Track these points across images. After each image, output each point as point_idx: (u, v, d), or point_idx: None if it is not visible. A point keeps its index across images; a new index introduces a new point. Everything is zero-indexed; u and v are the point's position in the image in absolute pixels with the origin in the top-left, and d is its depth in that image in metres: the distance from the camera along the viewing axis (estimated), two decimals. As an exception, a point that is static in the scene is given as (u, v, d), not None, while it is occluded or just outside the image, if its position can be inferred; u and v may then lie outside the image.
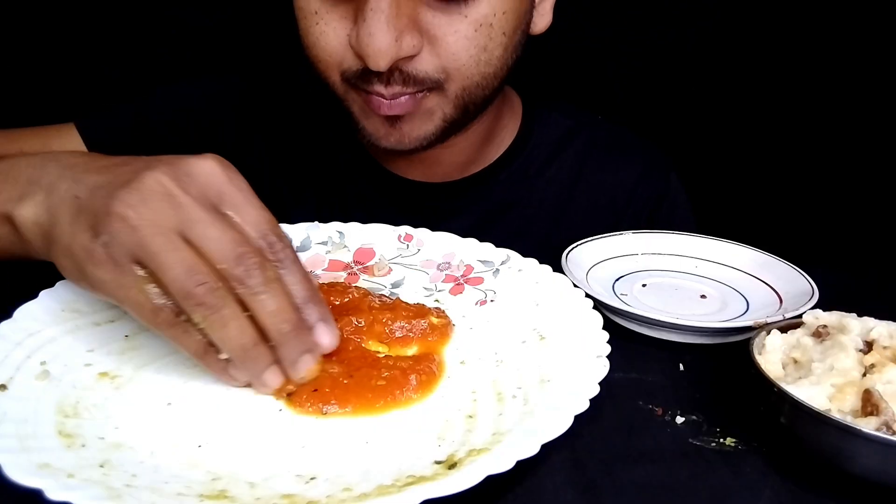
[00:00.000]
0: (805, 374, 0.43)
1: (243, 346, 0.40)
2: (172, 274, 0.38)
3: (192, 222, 0.39)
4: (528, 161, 0.78)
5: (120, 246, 0.39)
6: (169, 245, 0.39)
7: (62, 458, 0.35)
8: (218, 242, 0.39)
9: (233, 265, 0.39)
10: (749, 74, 1.35)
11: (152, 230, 0.39)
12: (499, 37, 0.60)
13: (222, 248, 0.39)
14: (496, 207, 0.77)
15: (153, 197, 0.39)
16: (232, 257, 0.39)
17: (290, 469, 0.37)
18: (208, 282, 0.39)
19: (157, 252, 0.38)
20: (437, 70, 0.59)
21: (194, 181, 0.41)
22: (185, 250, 0.39)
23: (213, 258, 0.39)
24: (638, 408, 0.46)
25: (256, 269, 0.40)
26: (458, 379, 0.46)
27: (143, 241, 0.38)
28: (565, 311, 0.51)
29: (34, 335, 0.45)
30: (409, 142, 0.64)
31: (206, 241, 0.39)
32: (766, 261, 0.63)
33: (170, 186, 0.40)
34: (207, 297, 0.39)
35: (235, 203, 0.42)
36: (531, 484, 0.38)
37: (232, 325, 0.40)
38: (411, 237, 0.63)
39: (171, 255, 0.38)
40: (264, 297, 0.40)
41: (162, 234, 0.39)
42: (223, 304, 0.39)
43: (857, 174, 1.33)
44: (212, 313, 0.39)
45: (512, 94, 0.80)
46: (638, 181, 0.80)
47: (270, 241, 0.42)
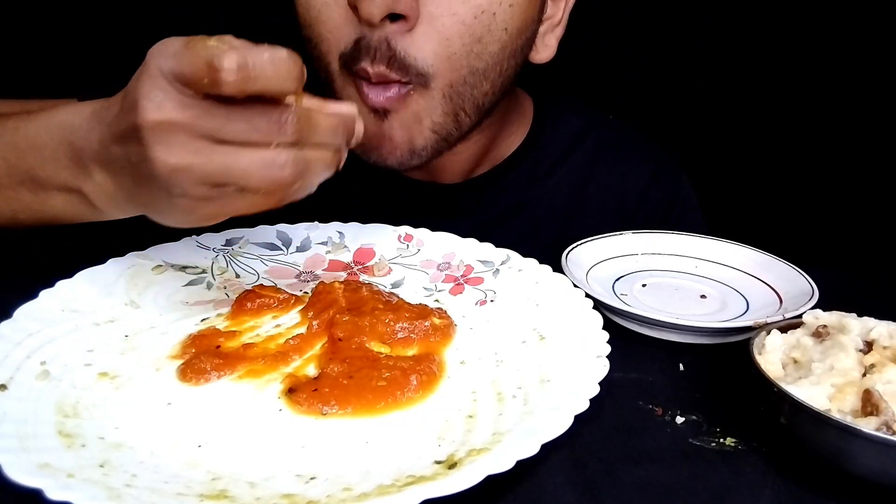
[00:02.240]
0: (805, 374, 0.43)
1: (329, 167, 0.44)
2: (254, 180, 0.40)
3: (214, 130, 0.39)
4: (537, 162, 0.77)
5: (193, 188, 0.40)
6: (222, 160, 0.40)
7: (62, 458, 0.35)
8: (250, 128, 0.40)
9: (280, 135, 0.40)
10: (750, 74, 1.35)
11: (198, 160, 0.40)
12: (499, 31, 0.59)
13: (258, 129, 0.40)
14: (505, 209, 0.76)
15: (166, 136, 0.40)
16: (273, 130, 0.40)
17: (290, 469, 0.37)
18: (285, 161, 0.40)
19: (223, 172, 0.40)
20: (426, 57, 0.57)
21: (167, 92, 0.40)
22: (237, 152, 0.40)
23: (259, 142, 0.40)
24: (638, 408, 0.46)
25: (297, 121, 0.41)
26: (459, 379, 0.46)
27: (203, 173, 0.40)
28: (565, 311, 0.51)
29: (34, 335, 0.45)
30: (399, 155, 0.62)
31: (240, 135, 0.40)
32: (766, 261, 0.63)
33: (164, 116, 0.39)
34: (295, 170, 0.41)
35: (232, 57, 0.39)
36: (531, 484, 0.38)
37: (317, 164, 0.43)
38: (411, 237, 0.63)
39: (235, 167, 0.40)
40: (317, 132, 0.42)
41: (206, 156, 0.40)
42: (306, 161, 0.42)
43: (858, 174, 1.34)
44: (304, 174, 0.42)
45: (522, 96, 0.79)
46: (649, 184, 0.80)
47: (295, 71, 0.40)
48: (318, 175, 0.44)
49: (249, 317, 0.52)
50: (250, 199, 0.42)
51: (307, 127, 0.42)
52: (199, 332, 0.49)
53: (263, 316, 0.52)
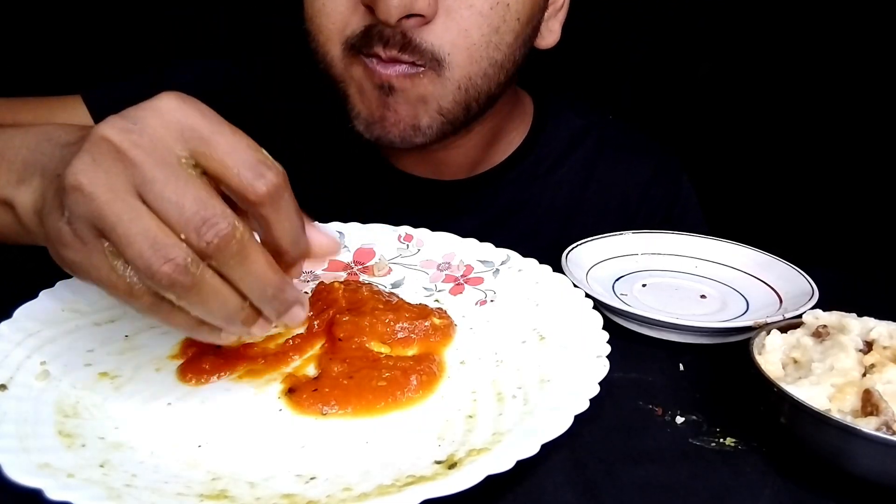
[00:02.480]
0: (805, 374, 0.43)
1: (228, 316, 0.37)
2: (134, 250, 0.33)
3: (147, 182, 0.34)
4: (538, 161, 0.78)
5: (80, 219, 0.34)
6: (128, 213, 0.33)
7: (62, 458, 0.35)
8: (176, 206, 0.34)
9: (196, 235, 0.34)
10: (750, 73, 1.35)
11: (108, 196, 0.34)
12: (513, 21, 0.60)
13: (181, 214, 0.34)
14: (506, 207, 0.77)
15: (103, 157, 0.34)
16: (195, 223, 0.34)
17: (290, 469, 0.37)
18: (176, 257, 0.33)
19: (115, 223, 0.33)
20: (443, 45, 0.58)
21: (146, 129, 0.35)
22: (146, 217, 0.34)
23: (175, 227, 0.34)
24: (638, 408, 0.46)
25: (223, 238, 0.34)
26: (458, 379, 0.46)
27: (100, 210, 0.34)
28: (565, 311, 0.51)
29: (34, 335, 0.45)
30: (402, 129, 0.61)
31: (163, 205, 0.34)
32: (766, 261, 0.63)
33: (118, 141, 0.34)
34: (177, 275, 0.33)
35: (203, 137, 0.35)
36: (531, 484, 0.38)
37: (211, 300, 0.35)
38: (411, 237, 0.63)
39: (131, 226, 0.33)
40: (238, 267, 0.35)
41: (119, 199, 0.34)
42: (197, 281, 0.34)
43: (857, 175, 1.34)
44: (186, 293, 0.34)
45: (524, 96, 0.80)
46: (650, 183, 0.80)
47: (260, 171, 0.35)
48: (207, 310, 0.36)
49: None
50: (113, 277, 0.35)
51: (236, 254, 0.35)
52: (200, 332, 0.49)
53: (263, 316, 0.52)
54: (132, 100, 0.76)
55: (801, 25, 1.28)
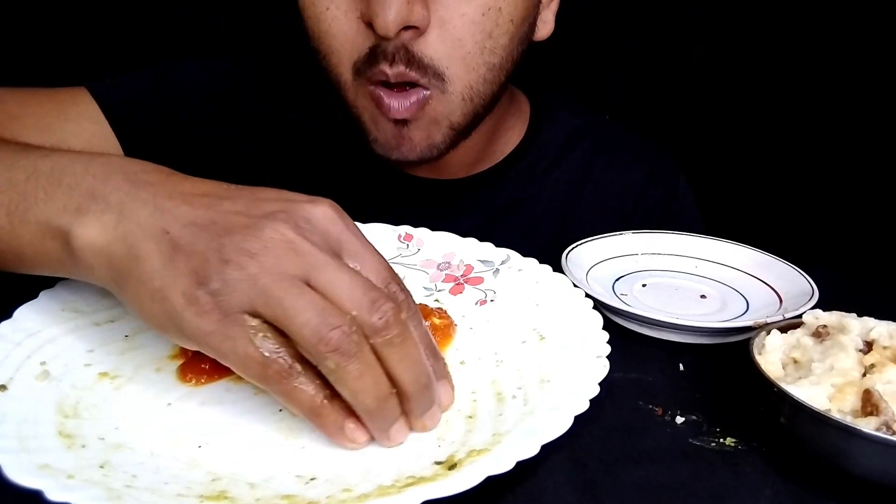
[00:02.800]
0: (805, 374, 0.43)
1: (378, 398, 0.37)
2: (303, 318, 0.35)
3: (319, 267, 0.36)
4: (536, 160, 0.78)
5: (235, 293, 0.35)
6: (296, 290, 0.35)
7: (62, 459, 0.35)
8: (349, 286, 0.36)
9: (367, 311, 0.36)
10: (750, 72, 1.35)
11: (276, 277, 0.35)
12: (506, 24, 0.60)
13: (354, 292, 0.36)
14: (504, 206, 0.77)
15: (275, 244, 0.36)
16: (366, 301, 0.36)
17: (290, 469, 0.37)
18: (343, 325, 0.35)
19: (282, 297, 0.35)
20: (441, 59, 0.59)
21: (315, 228, 0.38)
22: (314, 294, 0.36)
23: (345, 304, 0.36)
24: (638, 408, 0.46)
25: (392, 315, 0.36)
26: (458, 379, 0.46)
27: (267, 287, 0.35)
28: (565, 311, 0.51)
29: (34, 335, 0.45)
30: (419, 151, 0.64)
31: (336, 286, 0.36)
32: (766, 261, 0.63)
33: (291, 235, 0.37)
34: (344, 342, 0.35)
35: (356, 251, 0.39)
36: (531, 484, 0.38)
37: (368, 375, 0.36)
38: (411, 237, 0.63)
39: (300, 299, 0.35)
40: (402, 347, 0.37)
41: (287, 280, 0.35)
42: (359, 351, 0.36)
43: (857, 175, 1.34)
44: (348, 361, 0.35)
45: (519, 95, 0.80)
46: (647, 182, 0.80)
47: (393, 289, 0.39)
48: (360, 386, 0.36)
49: (249, 317, 0.52)
50: (250, 349, 0.35)
51: (399, 335, 0.37)
52: (199, 332, 0.49)
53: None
54: (141, 94, 0.75)
55: (797, 20, 1.28)
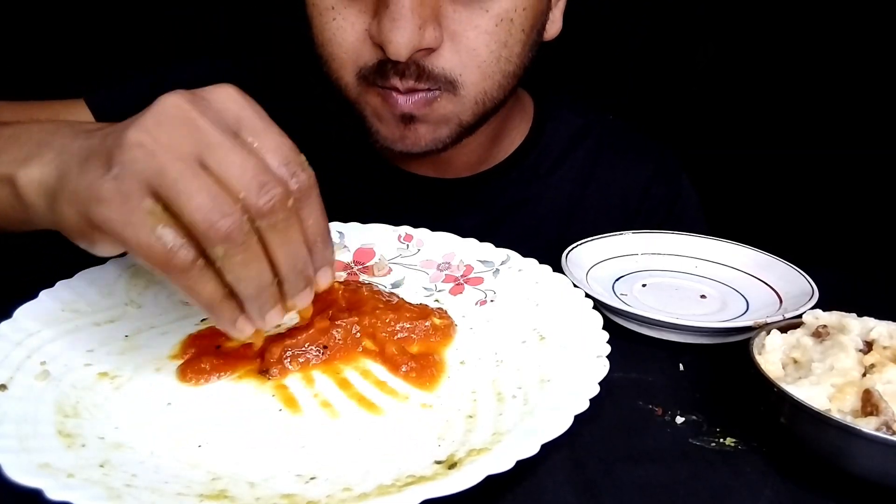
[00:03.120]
0: (805, 374, 0.43)
1: (259, 286, 0.38)
2: (195, 202, 0.35)
3: (213, 147, 0.36)
4: (539, 159, 0.78)
5: (133, 175, 0.35)
6: (189, 171, 0.35)
7: (62, 458, 0.35)
8: (240, 169, 0.36)
9: (255, 195, 0.36)
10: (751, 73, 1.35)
11: (171, 155, 0.35)
12: (518, 33, 0.60)
13: (244, 175, 0.36)
14: (507, 205, 0.77)
15: (170, 121, 0.36)
16: (255, 185, 0.36)
17: (290, 469, 0.37)
18: (235, 213, 0.35)
19: (176, 178, 0.35)
20: (454, 68, 0.59)
21: (212, 105, 0.38)
22: (206, 177, 0.36)
23: (235, 186, 0.36)
24: (638, 408, 0.46)
25: (279, 201, 0.37)
26: (458, 379, 0.46)
27: (161, 167, 0.35)
28: (565, 311, 0.51)
29: (34, 335, 0.45)
30: (424, 144, 0.63)
31: (227, 167, 0.36)
32: (766, 261, 0.63)
33: (187, 109, 0.37)
34: (234, 231, 0.35)
35: (255, 128, 0.38)
36: (531, 484, 0.38)
37: (253, 264, 0.37)
38: (411, 237, 0.63)
39: (193, 182, 0.35)
40: (283, 232, 0.38)
41: (181, 159, 0.35)
42: (248, 241, 0.36)
43: (857, 175, 1.34)
44: (236, 250, 0.36)
45: (523, 94, 0.80)
46: (651, 181, 0.80)
47: (293, 170, 0.38)
48: (245, 275, 0.37)
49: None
50: (151, 238, 0.35)
51: (284, 220, 0.38)
52: (199, 332, 0.49)
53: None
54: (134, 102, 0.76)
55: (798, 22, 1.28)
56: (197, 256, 0.36)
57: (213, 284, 0.37)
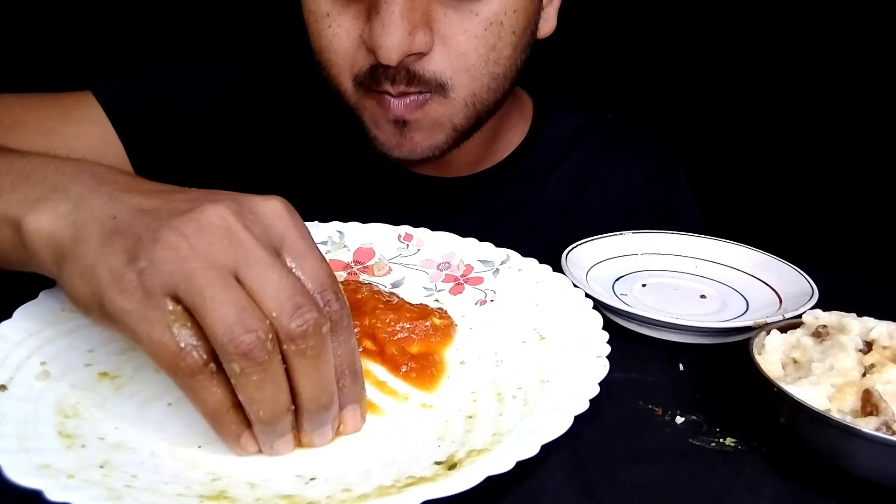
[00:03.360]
0: (805, 374, 0.43)
1: (273, 412, 0.36)
2: (220, 313, 0.33)
3: (251, 262, 0.35)
4: (538, 159, 0.78)
5: (160, 274, 0.34)
6: (220, 281, 0.34)
7: (62, 459, 0.35)
8: (276, 287, 0.35)
9: (288, 316, 0.34)
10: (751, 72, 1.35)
11: (204, 263, 0.34)
12: (508, 36, 0.61)
13: (280, 294, 0.35)
14: (506, 205, 0.77)
15: (211, 230, 0.35)
16: (289, 306, 0.34)
17: (290, 469, 0.37)
18: (259, 330, 0.34)
19: (205, 286, 0.34)
20: (444, 71, 0.59)
21: (258, 220, 0.37)
22: (238, 290, 0.34)
23: (268, 304, 0.34)
24: (638, 408, 0.46)
25: (312, 326, 0.35)
26: (458, 379, 0.46)
27: (192, 272, 0.34)
28: (565, 311, 0.51)
29: (34, 335, 0.45)
30: (420, 151, 0.64)
31: (263, 284, 0.35)
32: (766, 261, 0.63)
33: (231, 221, 0.36)
34: (256, 348, 0.33)
35: (298, 250, 0.37)
36: (531, 484, 0.38)
37: (270, 386, 0.35)
38: (411, 237, 0.63)
39: (222, 292, 0.34)
40: (313, 361, 0.36)
41: (215, 269, 0.34)
42: (269, 361, 0.34)
43: (857, 175, 1.34)
44: (254, 369, 0.34)
45: (521, 93, 0.80)
46: (649, 181, 0.81)
47: (328, 298, 0.37)
48: (260, 395, 0.35)
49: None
50: (165, 336, 0.34)
51: (314, 347, 0.35)
52: (199, 332, 0.49)
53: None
54: (145, 97, 0.75)
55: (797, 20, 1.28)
56: (209, 361, 0.34)
57: (222, 393, 0.35)
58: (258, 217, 0.37)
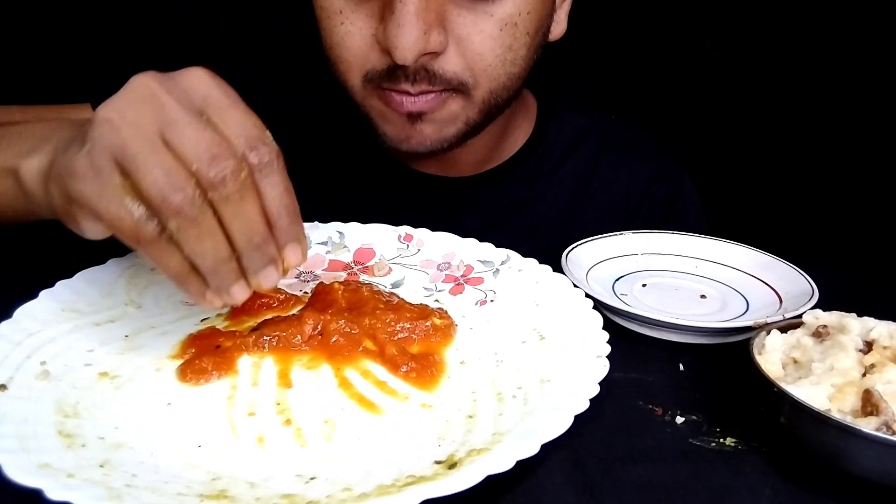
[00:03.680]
0: (805, 374, 0.43)
1: (216, 260, 0.39)
2: (151, 177, 0.37)
3: (172, 122, 0.38)
4: (542, 159, 0.78)
5: (102, 149, 0.38)
6: (149, 146, 0.37)
7: (62, 458, 0.35)
8: (193, 142, 0.38)
9: (206, 167, 0.37)
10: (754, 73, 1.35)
11: (133, 131, 0.37)
12: (523, 37, 0.61)
13: (197, 148, 0.37)
14: (510, 204, 0.77)
15: (137, 99, 0.39)
16: (206, 158, 0.37)
17: (290, 469, 0.37)
18: (187, 188, 0.37)
19: (136, 153, 0.37)
20: (462, 71, 0.59)
21: (178, 84, 0.40)
22: (165, 153, 0.37)
23: (188, 160, 0.37)
24: (638, 408, 0.46)
25: (230, 173, 0.38)
26: (458, 379, 0.46)
27: (124, 141, 0.37)
28: (565, 311, 0.51)
29: (34, 335, 0.45)
30: (430, 143, 0.63)
31: (182, 141, 0.38)
32: (766, 261, 0.63)
33: (154, 87, 0.39)
34: (185, 205, 0.37)
35: (220, 106, 0.40)
36: (531, 484, 0.38)
37: (207, 238, 0.38)
38: (411, 237, 0.63)
39: (150, 157, 0.37)
40: (236, 204, 0.38)
41: (143, 135, 0.37)
42: (200, 215, 0.37)
43: (857, 175, 1.34)
44: (188, 224, 0.37)
45: (526, 94, 0.80)
46: (652, 181, 0.81)
47: (253, 145, 0.39)
48: (200, 249, 0.38)
49: (249, 317, 0.52)
50: (121, 211, 0.37)
51: (235, 192, 0.38)
52: (199, 332, 0.49)
53: (263, 316, 0.52)
54: None
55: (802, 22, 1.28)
56: (162, 230, 0.38)
57: (178, 258, 0.39)
58: (179, 83, 0.40)
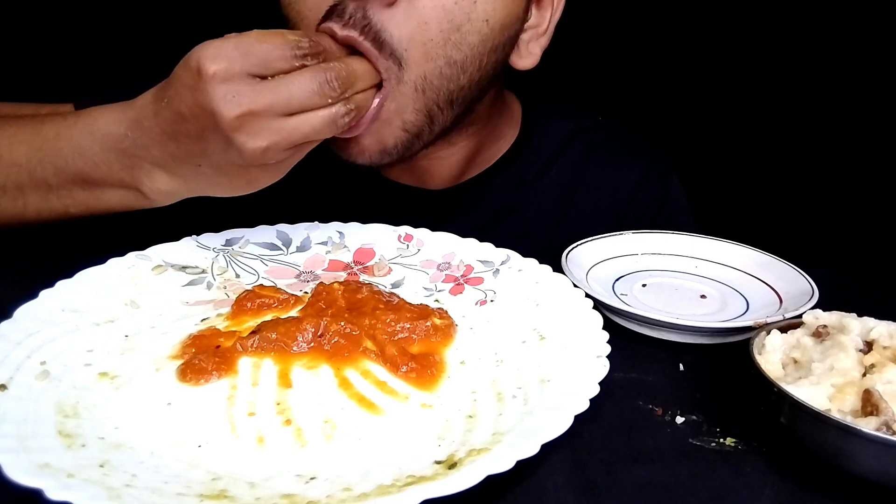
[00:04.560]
0: (805, 374, 0.43)
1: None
2: (323, 133, 0.51)
3: (285, 107, 0.48)
4: (526, 166, 0.77)
5: (277, 155, 0.50)
6: (300, 125, 0.49)
7: (62, 458, 0.35)
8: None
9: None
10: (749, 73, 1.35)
11: (283, 136, 0.49)
12: (478, 22, 0.57)
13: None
14: (495, 213, 0.76)
15: (250, 123, 0.48)
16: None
17: (290, 469, 0.37)
18: (343, 110, 0.51)
19: (299, 135, 0.49)
20: (402, 39, 0.55)
21: (245, 78, 0.48)
22: (308, 115, 0.49)
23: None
24: (638, 408, 0.46)
25: (335, 81, 0.50)
26: (458, 379, 0.46)
27: (288, 142, 0.49)
28: (565, 311, 0.51)
29: (34, 335, 0.45)
30: (369, 156, 0.60)
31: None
32: (766, 261, 0.63)
33: (250, 106, 0.47)
34: (347, 118, 0.51)
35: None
36: (531, 484, 0.38)
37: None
38: (411, 237, 0.63)
39: (311, 122, 0.49)
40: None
41: (287, 126, 0.49)
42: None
43: (857, 175, 1.34)
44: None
45: (512, 102, 0.79)
46: (640, 184, 0.80)
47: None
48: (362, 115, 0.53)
49: (249, 317, 0.52)
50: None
51: (348, 77, 0.51)
52: (199, 332, 0.49)
53: (263, 316, 0.52)
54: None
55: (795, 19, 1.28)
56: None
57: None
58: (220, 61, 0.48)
